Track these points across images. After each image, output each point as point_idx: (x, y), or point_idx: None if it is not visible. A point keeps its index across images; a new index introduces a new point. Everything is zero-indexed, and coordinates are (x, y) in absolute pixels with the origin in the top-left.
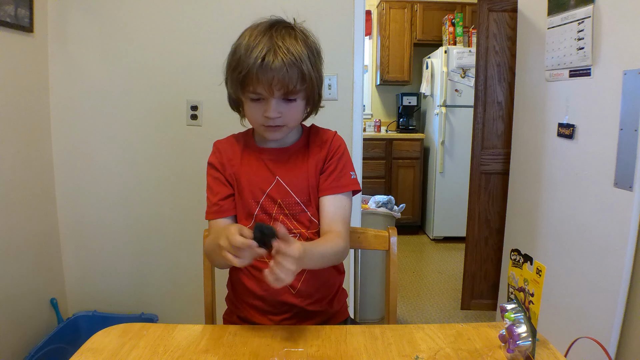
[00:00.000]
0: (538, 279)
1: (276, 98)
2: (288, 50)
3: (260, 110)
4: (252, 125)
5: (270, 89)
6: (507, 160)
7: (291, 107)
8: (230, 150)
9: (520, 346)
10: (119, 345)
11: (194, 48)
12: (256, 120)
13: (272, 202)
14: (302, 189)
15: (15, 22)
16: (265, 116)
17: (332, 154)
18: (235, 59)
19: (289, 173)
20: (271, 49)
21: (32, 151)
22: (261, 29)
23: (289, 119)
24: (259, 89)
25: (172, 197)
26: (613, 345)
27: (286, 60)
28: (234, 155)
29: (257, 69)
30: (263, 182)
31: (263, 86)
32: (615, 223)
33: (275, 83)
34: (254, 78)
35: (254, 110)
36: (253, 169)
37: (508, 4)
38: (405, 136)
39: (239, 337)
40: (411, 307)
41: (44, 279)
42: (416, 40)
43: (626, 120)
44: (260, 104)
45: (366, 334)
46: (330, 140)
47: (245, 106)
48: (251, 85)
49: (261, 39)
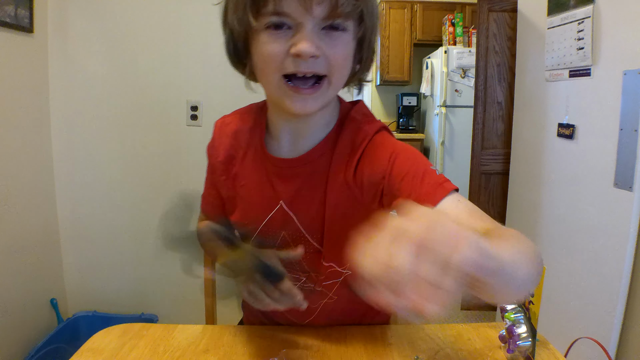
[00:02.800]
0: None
1: (315, 19)
2: None
3: (285, 45)
4: (268, 87)
5: (307, 2)
6: (507, 160)
7: (338, 42)
8: (229, 144)
9: (520, 346)
10: (119, 346)
11: (194, 48)
12: (276, 67)
13: (275, 233)
14: (316, 224)
15: (15, 22)
16: (294, 52)
17: (398, 164)
18: None
19: (298, 196)
20: None
21: (32, 151)
22: None
23: (335, 63)
24: (288, 5)
25: (172, 197)
26: (613, 345)
27: None
28: (235, 153)
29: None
30: (262, 204)
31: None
32: (615, 223)
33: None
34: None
35: (274, 46)
36: (253, 184)
37: (508, 4)
38: (405, 136)
39: (239, 337)
40: None
41: (44, 279)
42: (416, 41)
43: (626, 120)
44: (284, 34)
45: (366, 334)
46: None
47: (259, 46)
48: (273, 0)
49: None
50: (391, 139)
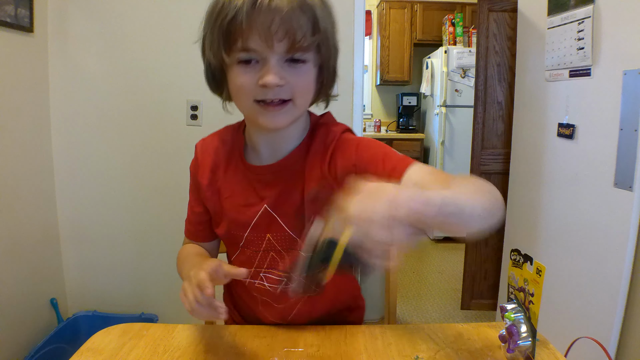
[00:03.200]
0: (538, 279)
1: (277, 54)
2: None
3: (254, 77)
4: (242, 110)
5: (268, 39)
6: (507, 160)
7: (298, 72)
8: (211, 161)
9: (520, 346)
10: (119, 345)
11: (194, 48)
12: (246, 94)
13: (260, 236)
14: (298, 221)
15: (15, 22)
16: (262, 84)
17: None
18: (216, 6)
19: (280, 197)
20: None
21: (32, 151)
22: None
23: (297, 89)
24: (252, 42)
25: (172, 197)
26: (613, 345)
27: (291, 0)
28: (216, 168)
29: (247, 10)
30: (247, 211)
31: (258, 35)
32: (615, 223)
33: (276, 28)
34: (244, 24)
35: (244, 78)
36: (237, 192)
37: (508, 4)
38: (405, 136)
39: (239, 337)
40: (411, 307)
41: (44, 279)
42: (416, 40)
43: (626, 120)
44: (253, 68)
45: (366, 334)
46: (333, 140)
47: (232, 77)
48: (240, 38)
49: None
50: (356, 135)
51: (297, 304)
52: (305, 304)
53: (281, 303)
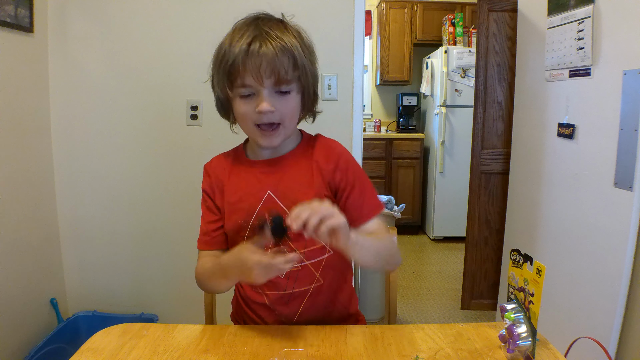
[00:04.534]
0: (538, 279)
1: (267, 88)
2: (277, 36)
3: (252, 107)
4: (245, 131)
5: (259, 77)
6: (507, 160)
7: (285, 100)
8: (219, 170)
9: (520, 346)
10: (119, 345)
11: (194, 48)
12: (248, 121)
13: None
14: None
15: (15, 22)
16: (258, 111)
17: (344, 172)
18: (220, 54)
19: (281, 184)
20: (258, 35)
21: (32, 151)
22: (247, 21)
23: (285, 114)
24: (247, 79)
25: (172, 197)
26: (613, 345)
27: (275, 45)
28: (223, 174)
29: (242, 56)
30: (252, 199)
31: (251, 75)
32: (615, 223)
33: (264, 68)
34: (241, 67)
35: (245, 108)
36: (242, 185)
37: (508, 4)
38: (405, 136)
39: (239, 337)
40: (411, 307)
41: (44, 279)
42: (416, 40)
43: (626, 120)
44: (251, 100)
45: (366, 334)
46: (339, 153)
47: (236, 107)
48: (239, 78)
49: (247, 28)
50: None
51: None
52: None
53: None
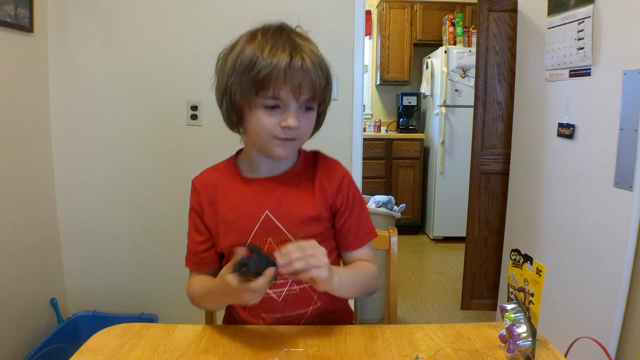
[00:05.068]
0: (538, 279)
1: (298, 104)
2: (311, 50)
3: (276, 120)
4: (257, 142)
5: (297, 92)
6: (507, 160)
7: (308, 117)
8: (210, 187)
9: (520, 346)
10: (119, 345)
11: (194, 48)
12: (267, 132)
13: (263, 240)
14: (298, 223)
15: (15, 22)
16: (284, 126)
17: (346, 195)
18: (246, 61)
19: (281, 205)
20: (296, 49)
21: (32, 151)
22: (273, 30)
23: (304, 131)
24: (283, 93)
25: (172, 197)
26: (613, 345)
27: (315, 61)
28: (214, 192)
29: (285, 68)
30: (249, 219)
31: (289, 89)
32: (615, 223)
33: (305, 84)
34: (280, 79)
35: (267, 120)
36: (238, 204)
37: (508, 4)
38: (405, 136)
39: (239, 337)
40: (411, 307)
41: (44, 279)
42: (416, 40)
43: (626, 120)
44: (276, 112)
45: (366, 334)
46: (342, 175)
47: (253, 117)
48: (273, 89)
49: (278, 39)
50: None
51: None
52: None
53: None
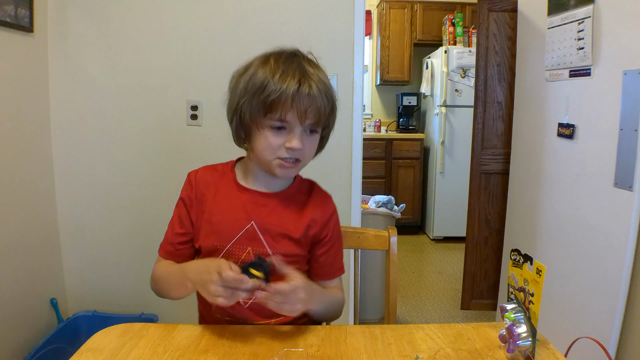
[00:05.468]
0: (538, 279)
1: (303, 127)
2: (319, 78)
3: (281, 141)
4: (262, 160)
5: (303, 117)
6: (507, 160)
7: (311, 140)
8: (203, 184)
9: (520, 346)
10: (119, 345)
11: (194, 48)
12: (272, 151)
13: (242, 249)
14: (279, 240)
15: (15, 22)
16: (288, 147)
17: (331, 230)
18: (257, 84)
19: (267, 220)
20: (305, 75)
21: (32, 151)
22: (285, 56)
23: (306, 153)
24: (290, 117)
25: (172, 197)
26: (613, 345)
27: (321, 88)
28: (207, 189)
29: (292, 94)
30: (235, 225)
31: (296, 113)
32: (615, 223)
33: (311, 110)
34: (287, 104)
35: (273, 140)
36: (227, 207)
37: (508, 4)
38: (405, 136)
39: (239, 337)
40: (411, 307)
41: (44, 279)
42: (416, 40)
43: (626, 120)
44: (281, 133)
45: (366, 334)
46: (333, 211)
47: (260, 136)
48: (280, 112)
49: (289, 65)
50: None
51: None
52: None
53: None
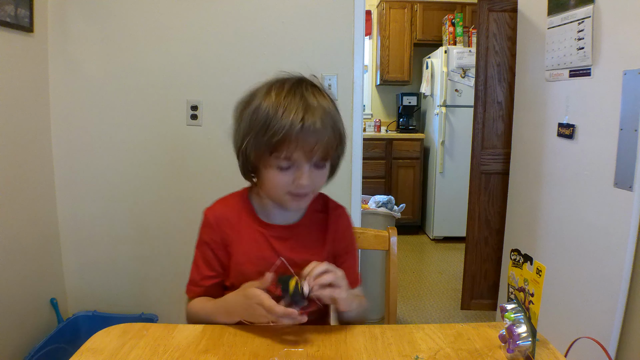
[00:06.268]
0: (538, 279)
1: (310, 164)
2: (324, 110)
3: (290, 178)
4: (271, 195)
5: (309, 154)
6: (507, 160)
7: (320, 173)
8: (225, 224)
9: (520, 346)
10: (119, 345)
11: (194, 48)
12: (282, 188)
13: (273, 285)
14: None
15: (15, 22)
16: (297, 185)
17: (348, 241)
18: (261, 121)
19: (294, 252)
20: (309, 109)
21: (32, 151)
22: (290, 88)
23: (317, 185)
24: (296, 155)
25: (172, 197)
26: (613, 345)
27: (326, 122)
28: (230, 229)
29: (296, 133)
30: (263, 263)
31: (302, 151)
32: (615, 223)
33: (317, 147)
34: (292, 142)
35: (281, 179)
36: (253, 247)
37: (508, 4)
38: (405, 136)
39: (239, 337)
40: (411, 307)
41: (44, 279)
42: (416, 40)
43: (626, 120)
44: (289, 171)
45: (366, 334)
46: (347, 223)
47: (267, 175)
48: (285, 151)
49: (292, 98)
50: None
51: None
52: None
53: None
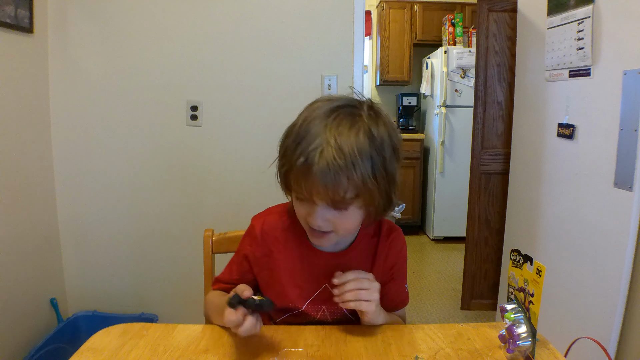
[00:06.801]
0: (538, 279)
1: (324, 204)
2: (339, 148)
3: (305, 212)
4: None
5: (311, 196)
6: (507, 160)
7: (343, 216)
8: (271, 238)
9: (520, 346)
10: (119, 345)
11: (194, 48)
12: (302, 219)
13: (316, 308)
14: None
15: (15, 23)
16: (311, 221)
17: (402, 265)
18: (284, 145)
19: None
20: (319, 145)
21: (32, 151)
22: (319, 112)
23: (340, 228)
24: (300, 194)
25: (172, 197)
26: (613, 345)
27: (332, 164)
28: (275, 246)
29: (298, 169)
30: (308, 289)
31: (305, 191)
32: (615, 223)
33: (318, 191)
34: (301, 179)
35: (300, 210)
36: (298, 269)
37: (508, 4)
38: (405, 136)
39: (239, 337)
40: (411, 307)
41: (44, 279)
42: (416, 41)
43: (626, 120)
44: (305, 204)
45: (366, 334)
46: (401, 248)
47: (292, 198)
48: (296, 185)
49: (311, 129)
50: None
51: None
52: None
53: None
